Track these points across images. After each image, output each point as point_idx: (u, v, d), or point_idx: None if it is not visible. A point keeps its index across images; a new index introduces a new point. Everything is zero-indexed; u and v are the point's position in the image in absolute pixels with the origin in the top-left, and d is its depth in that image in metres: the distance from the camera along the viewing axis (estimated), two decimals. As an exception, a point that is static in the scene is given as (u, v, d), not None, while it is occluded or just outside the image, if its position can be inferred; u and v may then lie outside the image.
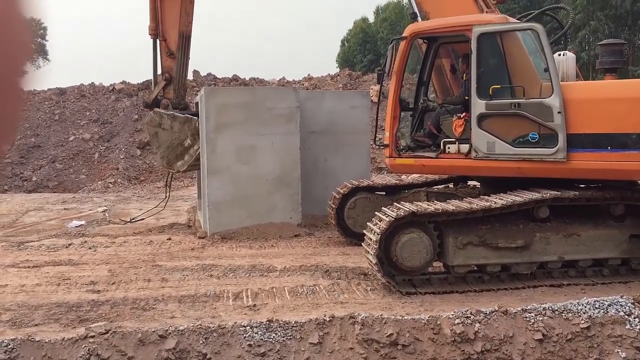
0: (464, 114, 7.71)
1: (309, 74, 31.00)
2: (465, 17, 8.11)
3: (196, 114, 10.82)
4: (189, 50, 11.15)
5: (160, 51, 11.07)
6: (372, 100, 22.85)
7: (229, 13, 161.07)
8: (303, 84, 28.74)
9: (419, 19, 9.02)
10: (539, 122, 7.09)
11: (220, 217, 10.06)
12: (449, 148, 7.77)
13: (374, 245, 6.50)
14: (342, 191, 9.31)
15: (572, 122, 6.96)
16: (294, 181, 10.37)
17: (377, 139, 9.50)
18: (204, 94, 10.22)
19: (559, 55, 7.68)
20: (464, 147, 7.61)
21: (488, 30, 7.42)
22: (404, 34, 8.14)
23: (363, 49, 70.59)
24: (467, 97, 7.69)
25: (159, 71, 11.44)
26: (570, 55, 7.76)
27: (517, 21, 8.14)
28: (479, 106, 7.38)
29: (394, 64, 8.03)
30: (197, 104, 11.21)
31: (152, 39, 11.10)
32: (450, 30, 8.10)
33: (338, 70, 45.94)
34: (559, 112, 6.96)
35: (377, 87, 26.21)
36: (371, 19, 74.22)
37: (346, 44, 76.17)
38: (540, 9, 9.82)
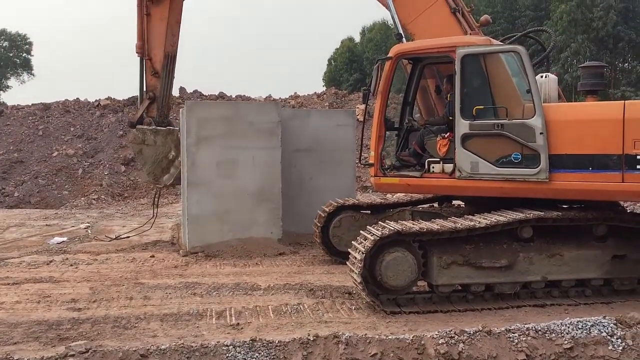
0: (447, 133, 7.77)
1: (295, 92, 31.07)
2: (449, 38, 8.22)
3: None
4: (174, 70, 11.25)
5: (146, 70, 11.14)
6: (357, 119, 22.96)
7: (217, 30, 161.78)
8: (289, 102, 28.80)
9: (404, 40, 9.12)
10: (521, 143, 7.16)
11: (200, 231, 10.03)
12: (433, 167, 7.82)
13: (359, 264, 6.49)
14: (327, 209, 9.30)
15: (554, 143, 7.03)
16: (274, 196, 10.33)
17: (362, 158, 9.47)
18: (185, 107, 10.29)
19: (542, 77, 7.78)
20: (448, 167, 7.66)
21: (471, 52, 7.52)
22: (389, 54, 8.19)
23: (349, 68, 71.06)
24: (451, 117, 7.74)
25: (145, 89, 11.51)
26: (552, 77, 7.87)
27: (501, 43, 8.25)
28: (462, 126, 7.45)
29: (379, 83, 8.09)
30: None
31: (138, 57, 11.14)
32: (434, 51, 8.18)
33: (324, 88, 46.11)
34: (541, 133, 7.04)
35: (363, 107, 26.37)
36: (357, 39, 74.80)
37: (333, 62, 76.63)
38: (523, 31, 9.97)
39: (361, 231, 7.01)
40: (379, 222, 7.12)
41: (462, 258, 6.82)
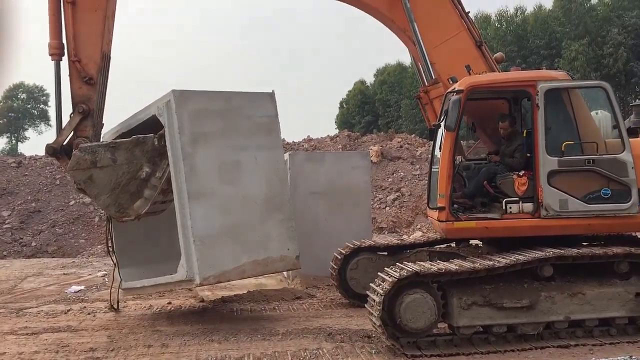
0: (524, 171, 7.53)
1: (308, 136, 31.33)
2: (528, 72, 8.31)
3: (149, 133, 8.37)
4: (108, 76, 8.88)
5: (71, 76, 8.58)
6: (371, 161, 23.07)
7: (228, 69, 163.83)
8: (303, 145, 29.02)
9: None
10: (612, 178, 7.20)
11: (211, 256, 7.92)
12: (510, 208, 7.44)
13: (378, 307, 6.43)
14: (343, 252, 9.25)
15: None
16: (284, 204, 8.82)
17: (430, 201, 8.38)
18: (172, 98, 8.04)
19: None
20: (528, 207, 7.38)
21: (556, 87, 7.45)
22: (460, 87, 7.61)
23: (362, 110, 71.83)
24: (529, 155, 7.54)
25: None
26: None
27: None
28: (549, 163, 7.28)
29: (459, 118, 7.44)
30: (144, 120, 8.60)
31: (54, 61, 8.69)
32: (510, 85, 7.90)
33: (337, 131, 46.48)
34: (632, 168, 7.16)
35: (375, 148, 26.55)
36: (369, 81, 75.68)
37: (345, 105, 77.51)
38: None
39: (379, 273, 6.96)
40: (397, 263, 7.06)
41: (482, 298, 6.73)
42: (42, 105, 78.50)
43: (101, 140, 8.66)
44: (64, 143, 8.53)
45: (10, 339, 7.79)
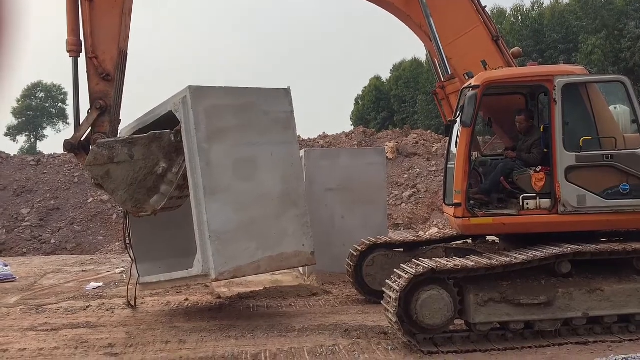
0: (541, 167, 7.51)
1: (324, 132, 31.30)
2: (545, 67, 8.19)
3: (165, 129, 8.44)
4: (125, 72, 8.86)
5: (89, 73, 8.58)
6: (387, 157, 23.01)
7: (241, 64, 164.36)
8: (318, 142, 29.00)
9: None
10: (632, 173, 7.15)
11: (227, 251, 7.94)
12: (527, 204, 7.41)
13: (394, 303, 6.42)
14: (359, 248, 9.25)
15: None
16: (300, 200, 8.82)
17: (446, 197, 8.32)
18: (188, 94, 8.06)
19: (615, 108, 7.74)
20: (545, 202, 7.35)
21: (574, 81, 7.40)
22: (476, 83, 7.57)
23: (377, 107, 71.55)
24: (545, 150, 7.51)
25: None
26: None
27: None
28: (567, 158, 7.24)
29: (475, 114, 7.40)
30: (161, 116, 8.73)
31: (71, 58, 8.68)
32: (527, 80, 7.87)
33: (352, 127, 46.40)
34: None
35: (391, 144, 26.48)
36: (387, 76, 75.34)
37: (360, 102, 77.28)
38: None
39: (395, 269, 6.95)
40: (413, 260, 7.05)
41: (499, 295, 6.69)
42: (60, 104, 79.14)
43: (118, 135, 8.76)
44: (82, 139, 8.55)
45: (31, 335, 7.89)
